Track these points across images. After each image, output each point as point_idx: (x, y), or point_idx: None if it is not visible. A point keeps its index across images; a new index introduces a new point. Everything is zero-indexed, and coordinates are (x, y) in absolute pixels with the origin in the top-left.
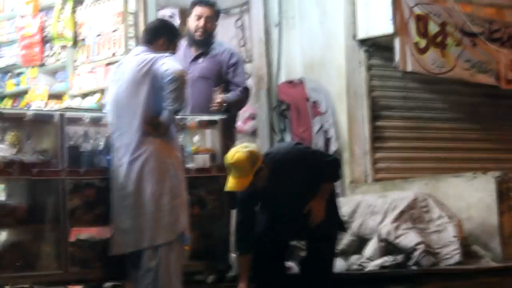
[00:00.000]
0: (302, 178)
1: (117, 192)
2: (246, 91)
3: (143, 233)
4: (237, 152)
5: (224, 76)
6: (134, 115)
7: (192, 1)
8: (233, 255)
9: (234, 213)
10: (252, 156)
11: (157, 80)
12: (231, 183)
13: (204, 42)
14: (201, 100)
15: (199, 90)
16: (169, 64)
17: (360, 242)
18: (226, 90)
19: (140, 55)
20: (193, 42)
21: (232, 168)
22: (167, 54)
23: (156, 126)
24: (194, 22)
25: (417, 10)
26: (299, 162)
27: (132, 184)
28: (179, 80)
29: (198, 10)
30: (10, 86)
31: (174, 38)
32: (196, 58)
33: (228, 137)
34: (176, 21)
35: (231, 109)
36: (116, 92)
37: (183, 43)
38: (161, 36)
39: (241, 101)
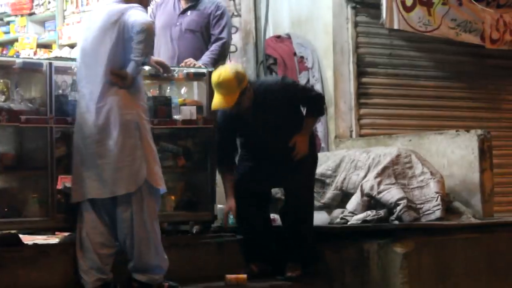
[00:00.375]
0: (284, 110)
1: (82, 139)
2: (221, 46)
3: (105, 182)
4: (224, 70)
5: (211, 29)
6: (100, 64)
7: None
8: (218, 206)
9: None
10: (238, 75)
11: (125, 30)
12: (217, 101)
13: None
14: (188, 52)
15: (187, 42)
16: (137, 15)
17: (344, 196)
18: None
19: (112, 4)
20: None
21: (219, 86)
22: (137, 5)
23: (121, 78)
24: None
25: None
26: (285, 92)
27: (96, 134)
28: (147, 31)
29: None
30: None
31: None
32: (184, 11)
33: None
34: None
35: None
36: (85, 40)
37: None
38: None
39: (218, 58)
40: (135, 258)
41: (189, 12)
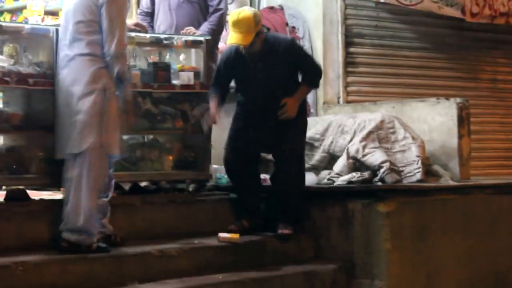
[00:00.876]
0: (285, 68)
1: (58, 99)
2: (219, 17)
3: (60, 143)
4: (243, 9)
5: (208, 0)
6: (75, 30)
7: None
8: (213, 166)
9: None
10: (256, 16)
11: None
12: (235, 37)
13: None
14: (185, 22)
15: (184, 12)
16: (110, 34)
17: (331, 159)
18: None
19: None
20: None
21: (237, 23)
22: None
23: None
24: None
25: None
26: (291, 50)
27: (62, 97)
28: (119, 59)
29: None
30: (9, 2)
31: None
32: None
33: (210, 58)
34: None
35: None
36: (68, 5)
37: None
38: None
39: (216, 29)
40: (65, 218)
41: None
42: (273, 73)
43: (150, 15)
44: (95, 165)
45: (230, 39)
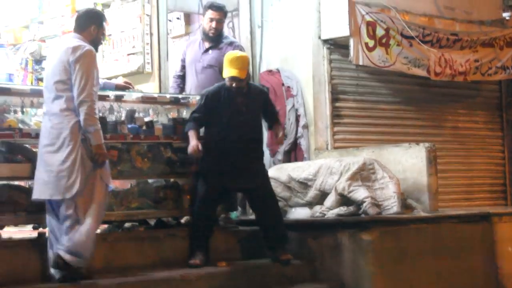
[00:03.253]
0: (257, 109)
1: (40, 146)
2: None
3: (47, 186)
4: (239, 51)
5: None
6: (51, 90)
7: (205, 6)
8: None
9: None
10: (248, 59)
11: (71, 71)
12: (234, 71)
13: (215, 38)
14: (207, 83)
15: (207, 75)
16: (80, 82)
17: (322, 196)
18: None
19: (67, 41)
20: (206, 38)
21: (236, 60)
22: (87, 47)
23: (103, 157)
24: (207, 23)
25: (368, 18)
26: (265, 97)
27: (49, 145)
28: (82, 105)
29: (210, 13)
30: None
31: (102, 24)
32: (207, 50)
33: None
34: (182, 22)
35: None
36: (46, 69)
37: (198, 38)
38: (91, 23)
39: None
40: (67, 240)
41: (210, 51)
42: (251, 108)
43: (182, 77)
44: (83, 203)
45: (229, 72)
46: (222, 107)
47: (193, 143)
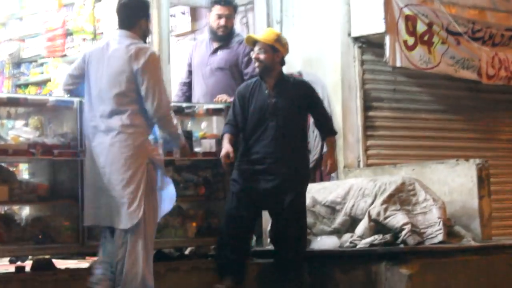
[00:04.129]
0: (297, 109)
1: (94, 168)
2: None
3: (110, 212)
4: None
5: (240, 66)
6: (115, 102)
7: (212, 0)
8: None
9: None
10: (281, 37)
11: (137, 80)
12: (255, 36)
13: (225, 37)
14: (218, 89)
15: (216, 80)
16: (154, 94)
17: (352, 222)
18: (242, 80)
19: (125, 44)
20: (215, 37)
21: (263, 31)
22: (142, 44)
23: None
24: (215, 21)
25: (407, 11)
26: (307, 91)
27: (108, 166)
28: (166, 120)
29: (218, 9)
30: (34, 75)
31: (149, 14)
32: (215, 50)
33: None
34: (187, 18)
35: None
36: (99, 77)
37: (205, 37)
38: (141, 17)
39: None
40: (122, 284)
41: (219, 52)
42: (286, 113)
43: (188, 85)
44: (149, 230)
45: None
46: (253, 106)
47: (223, 150)
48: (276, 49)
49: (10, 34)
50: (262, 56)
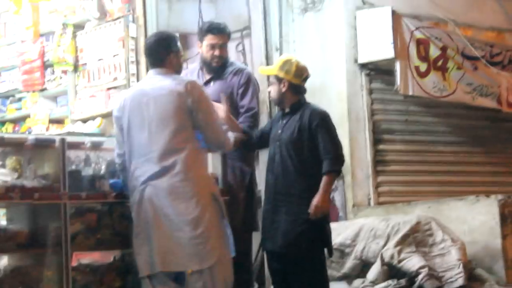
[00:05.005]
0: (303, 133)
1: (148, 216)
2: (252, 116)
3: (181, 255)
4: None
5: (235, 98)
6: (170, 141)
7: (202, 29)
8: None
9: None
10: (287, 63)
11: (193, 115)
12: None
13: (219, 68)
14: None
15: None
16: (212, 132)
17: (363, 266)
18: (237, 113)
19: (168, 81)
20: (209, 69)
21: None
22: (181, 78)
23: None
24: (208, 51)
25: (418, 34)
26: (319, 119)
27: (170, 207)
28: (223, 143)
29: (211, 38)
30: (11, 111)
31: (178, 47)
32: (207, 82)
33: (247, 163)
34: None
35: None
36: (144, 122)
37: (196, 67)
38: (168, 53)
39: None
40: None
41: (212, 83)
42: (291, 139)
43: None
44: (221, 273)
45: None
46: (271, 135)
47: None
48: (280, 78)
49: None
50: (270, 89)
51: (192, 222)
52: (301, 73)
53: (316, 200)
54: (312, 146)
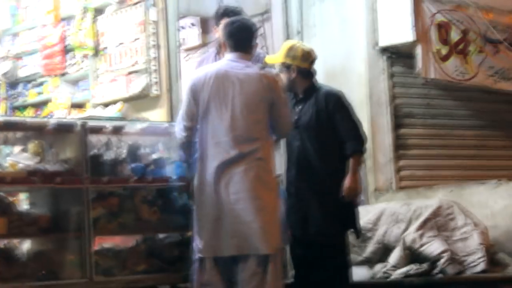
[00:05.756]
0: (325, 121)
1: (226, 196)
2: None
3: (245, 239)
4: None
5: None
6: (251, 129)
7: (219, 12)
8: None
9: None
10: (292, 50)
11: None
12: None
13: None
14: None
15: None
16: (288, 121)
17: (385, 250)
18: None
19: (253, 70)
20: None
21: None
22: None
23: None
24: None
25: (439, 18)
26: (336, 100)
27: (246, 191)
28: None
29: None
30: (32, 95)
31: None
32: None
33: None
34: (198, 30)
35: None
36: (226, 102)
37: (213, 51)
38: (255, 40)
39: None
40: None
41: None
42: (310, 124)
43: None
44: (279, 262)
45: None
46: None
47: None
48: (288, 65)
49: (5, 51)
50: (281, 77)
51: (266, 209)
52: (308, 57)
53: (347, 182)
54: (331, 127)
